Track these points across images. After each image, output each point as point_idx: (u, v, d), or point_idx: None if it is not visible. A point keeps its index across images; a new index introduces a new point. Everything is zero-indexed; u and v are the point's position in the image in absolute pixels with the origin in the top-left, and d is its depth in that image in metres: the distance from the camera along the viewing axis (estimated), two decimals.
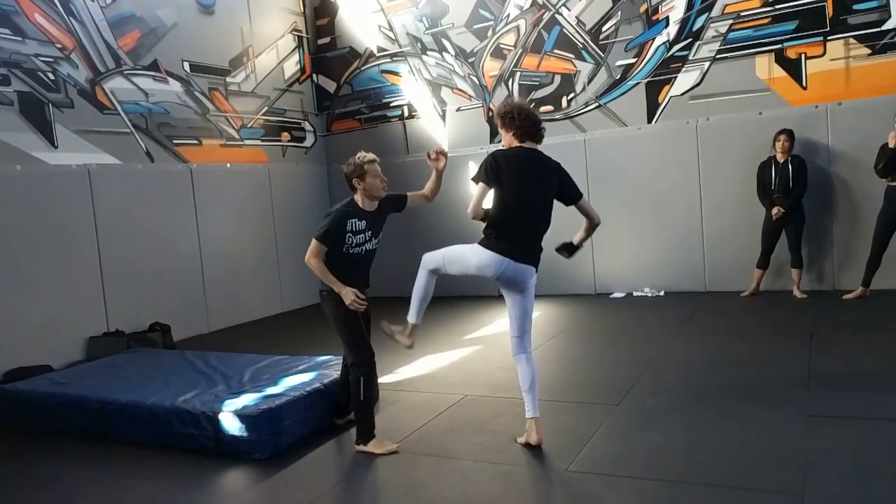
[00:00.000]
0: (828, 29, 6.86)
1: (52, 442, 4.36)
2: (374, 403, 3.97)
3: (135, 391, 4.36)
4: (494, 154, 3.60)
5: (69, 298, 6.41)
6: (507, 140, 3.68)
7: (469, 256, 3.62)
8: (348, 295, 3.66)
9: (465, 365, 5.26)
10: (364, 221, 3.78)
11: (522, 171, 3.56)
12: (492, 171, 3.54)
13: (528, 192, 3.57)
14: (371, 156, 3.84)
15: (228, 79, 8.46)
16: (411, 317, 3.79)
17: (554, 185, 3.68)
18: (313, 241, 3.74)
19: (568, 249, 3.87)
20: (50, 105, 6.49)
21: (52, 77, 6.53)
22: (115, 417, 4.23)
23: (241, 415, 3.78)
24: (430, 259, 3.75)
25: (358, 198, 3.81)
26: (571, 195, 3.76)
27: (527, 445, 3.62)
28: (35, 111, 6.36)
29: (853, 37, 6.77)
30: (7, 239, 5.88)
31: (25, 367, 5.73)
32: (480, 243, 3.59)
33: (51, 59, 6.53)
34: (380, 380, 4.82)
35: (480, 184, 3.56)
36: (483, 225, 3.62)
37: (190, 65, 7.95)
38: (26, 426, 4.65)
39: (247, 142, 8.68)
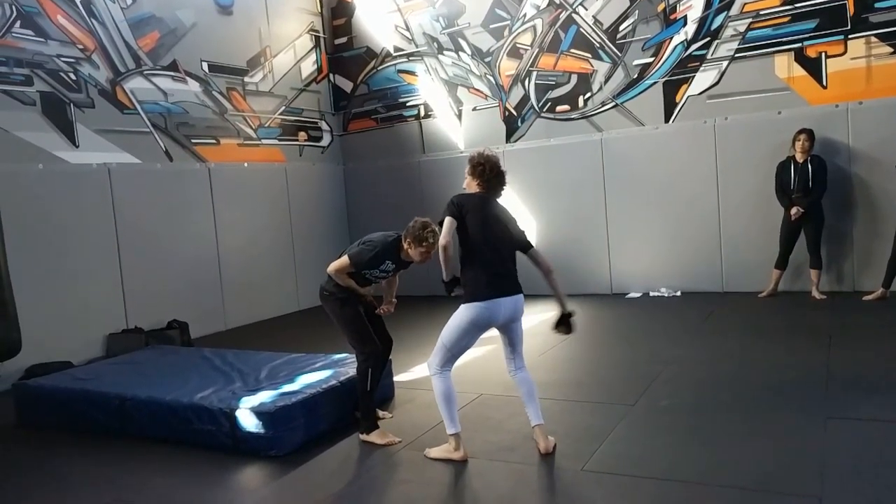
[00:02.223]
0: (848, 27, 6.78)
1: (71, 437, 4.42)
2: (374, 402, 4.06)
3: (153, 388, 4.41)
4: (456, 196, 3.62)
5: (89, 296, 6.50)
6: (470, 186, 3.72)
7: (464, 321, 3.49)
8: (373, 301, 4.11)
9: (480, 364, 5.25)
10: (395, 265, 3.97)
11: (484, 208, 3.60)
12: (456, 208, 3.55)
13: (492, 226, 3.58)
14: (434, 240, 3.74)
15: (246, 79, 8.52)
16: (448, 427, 3.56)
17: (513, 226, 3.68)
18: (345, 259, 3.89)
19: (565, 323, 3.73)
20: (71, 105, 6.58)
21: (73, 77, 6.62)
22: (135, 413, 4.28)
23: (258, 412, 3.81)
24: (433, 361, 3.60)
25: (404, 244, 3.86)
26: (522, 244, 3.73)
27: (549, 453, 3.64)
28: (57, 111, 6.45)
29: (874, 35, 6.69)
30: (29, 237, 5.97)
31: (46, 364, 5.83)
32: (466, 301, 3.51)
33: (72, 60, 6.62)
34: (395, 378, 4.87)
35: (448, 217, 3.54)
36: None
37: (208, 65, 8.02)
38: (47, 421, 4.71)
39: (264, 141, 8.74)
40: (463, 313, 3.50)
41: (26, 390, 4.89)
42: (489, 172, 3.66)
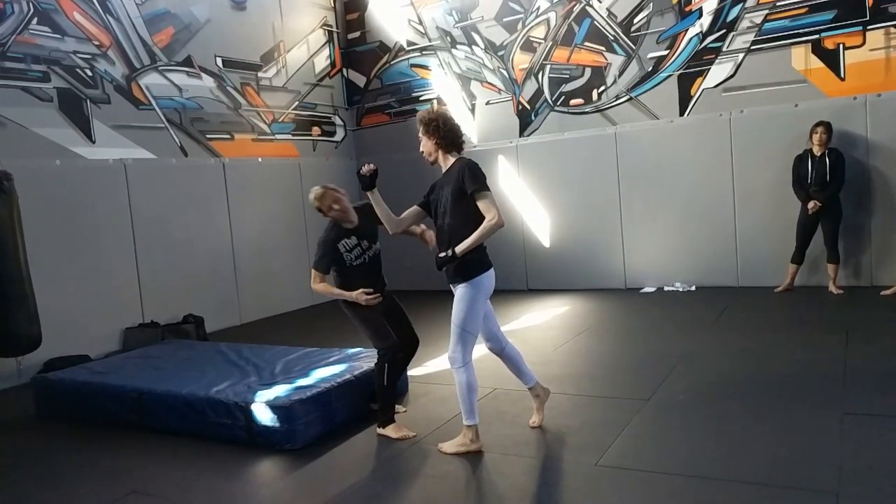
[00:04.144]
0: (867, 18, 6.69)
1: (89, 429, 4.48)
2: (393, 396, 4.09)
3: (170, 381, 4.45)
4: (473, 162, 3.52)
5: (106, 290, 6.56)
6: (428, 148, 3.60)
7: (477, 294, 3.48)
8: (360, 296, 3.94)
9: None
10: (353, 237, 4.02)
11: None
12: (485, 178, 3.50)
13: None
14: (324, 190, 3.99)
15: (260, 74, 8.55)
16: (468, 419, 3.52)
17: None
18: (312, 271, 4.01)
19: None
20: (88, 101, 6.63)
21: (89, 73, 6.67)
22: (152, 407, 4.32)
23: (273, 406, 3.84)
24: (456, 355, 3.51)
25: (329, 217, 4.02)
26: None
27: (538, 427, 3.77)
28: (74, 107, 6.51)
29: (894, 26, 6.59)
30: (46, 232, 6.03)
31: (64, 357, 5.90)
32: (475, 271, 3.46)
33: (88, 56, 6.67)
34: (410, 372, 4.88)
35: (490, 192, 3.46)
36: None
37: (222, 60, 8.06)
38: (65, 414, 4.78)
39: (278, 136, 8.77)
40: (474, 287, 3.48)
41: (45, 383, 4.96)
42: (444, 126, 3.54)
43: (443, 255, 3.44)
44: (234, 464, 3.74)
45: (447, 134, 3.55)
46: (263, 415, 3.86)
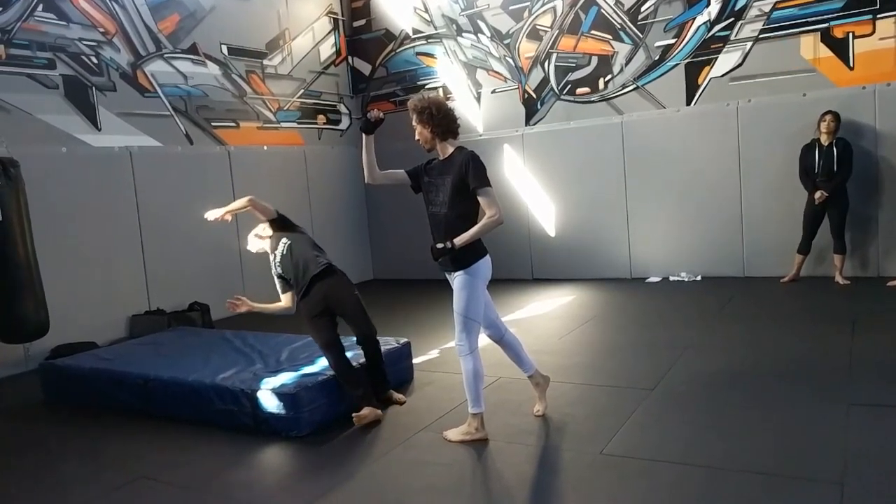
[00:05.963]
0: (877, 7, 6.63)
1: (96, 416, 4.50)
2: (356, 377, 4.10)
3: (176, 368, 4.47)
4: (478, 158, 3.49)
5: (112, 277, 6.59)
6: (424, 136, 3.59)
7: (477, 281, 3.49)
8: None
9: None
10: (271, 254, 4.39)
11: None
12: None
13: None
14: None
15: (265, 61, 8.53)
16: (474, 407, 3.53)
17: None
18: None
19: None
20: (93, 88, 6.63)
21: (95, 61, 6.66)
22: (158, 393, 4.35)
23: (279, 393, 3.85)
24: (463, 344, 3.50)
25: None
26: None
27: (542, 415, 3.80)
28: (79, 94, 6.51)
29: None
30: (53, 220, 6.04)
31: (71, 344, 5.93)
32: (472, 259, 3.46)
33: (94, 43, 6.66)
34: (415, 360, 4.91)
35: (492, 187, 3.47)
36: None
37: (228, 48, 8.04)
38: (72, 400, 4.81)
39: (283, 124, 8.76)
40: (473, 275, 3.48)
41: (52, 370, 4.99)
42: (438, 114, 3.51)
43: (440, 246, 3.42)
44: (240, 450, 3.76)
45: (442, 121, 3.52)
46: (269, 402, 3.88)
